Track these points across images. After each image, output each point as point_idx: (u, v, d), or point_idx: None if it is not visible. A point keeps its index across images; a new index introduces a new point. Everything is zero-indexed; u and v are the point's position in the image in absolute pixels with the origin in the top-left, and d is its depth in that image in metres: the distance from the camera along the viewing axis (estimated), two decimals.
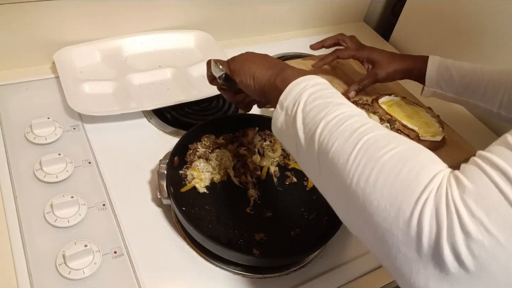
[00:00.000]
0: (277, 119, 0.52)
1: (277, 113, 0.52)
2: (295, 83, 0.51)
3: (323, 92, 0.49)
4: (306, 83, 0.50)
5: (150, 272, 0.61)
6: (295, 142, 0.49)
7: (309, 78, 0.51)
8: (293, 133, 0.49)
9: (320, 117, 0.46)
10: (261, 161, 0.76)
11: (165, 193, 0.64)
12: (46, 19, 0.83)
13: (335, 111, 0.46)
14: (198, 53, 1.00)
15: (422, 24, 1.19)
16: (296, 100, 0.49)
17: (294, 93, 0.50)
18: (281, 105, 0.51)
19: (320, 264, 0.68)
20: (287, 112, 0.50)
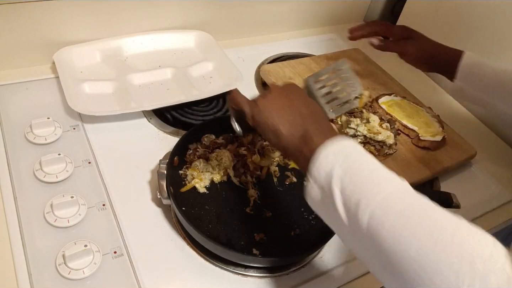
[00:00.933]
0: (311, 191, 0.50)
1: (310, 186, 0.50)
2: (323, 155, 0.48)
3: (357, 165, 0.47)
4: (334, 152, 0.48)
5: (150, 272, 0.61)
6: (335, 220, 0.47)
7: (336, 144, 0.49)
8: (333, 211, 0.46)
9: (363, 204, 0.43)
10: (261, 161, 0.76)
11: (165, 193, 0.64)
12: (46, 19, 0.83)
13: (377, 193, 0.43)
14: (198, 53, 1.00)
15: (422, 24, 1.18)
16: (329, 176, 0.47)
17: (325, 166, 0.47)
18: (313, 178, 0.49)
19: (320, 264, 0.68)
20: (322, 188, 0.48)
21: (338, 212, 0.45)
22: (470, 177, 0.90)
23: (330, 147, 0.49)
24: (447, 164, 0.86)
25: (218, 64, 0.96)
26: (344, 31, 1.25)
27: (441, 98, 1.10)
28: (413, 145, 0.88)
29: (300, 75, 0.99)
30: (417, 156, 0.85)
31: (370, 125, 0.84)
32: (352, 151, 0.49)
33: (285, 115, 0.55)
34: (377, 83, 1.03)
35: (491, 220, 0.83)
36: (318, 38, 1.21)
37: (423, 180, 0.82)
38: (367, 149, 0.81)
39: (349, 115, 0.87)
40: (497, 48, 1.00)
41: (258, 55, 1.08)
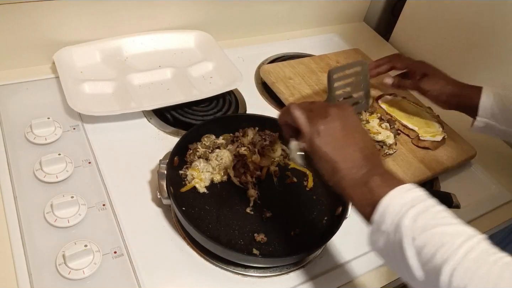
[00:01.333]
0: (376, 241, 0.48)
1: (375, 235, 0.48)
2: (388, 201, 0.46)
3: (427, 218, 0.44)
4: (401, 202, 0.46)
5: (150, 272, 0.61)
6: (409, 274, 0.45)
7: (402, 191, 0.47)
8: (404, 265, 0.45)
9: (440, 261, 0.41)
10: (261, 161, 0.76)
11: (165, 193, 0.64)
12: (46, 19, 0.83)
13: (456, 252, 0.41)
14: (198, 53, 1.00)
15: (422, 24, 1.19)
16: (398, 227, 0.44)
17: (392, 216, 0.45)
18: (378, 227, 0.47)
19: (320, 264, 0.68)
20: (388, 238, 0.46)
21: (410, 265, 0.44)
22: (470, 177, 0.90)
23: (396, 195, 0.47)
24: (447, 164, 0.86)
25: (218, 64, 0.96)
26: (344, 31, 1.26)
27: None
28: (413, 145, 0.88)
29: (300, 75, 0.99)
30: (417, 156, 0.85)
31: (370, 125, 0.85)
32: (419, 201, 0.46)
33: (346, 149, 0.52)
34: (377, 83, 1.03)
35: (491, 220, 0.83)
36: (318, 38, 1.21)
37: (423, 180, 0.82)
38: None
39: None
40: (497, 48, 1.00)
41: (258, 55, 1.08)
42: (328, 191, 0.75)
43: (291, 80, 0.97)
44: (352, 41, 1.22)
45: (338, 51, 1.12)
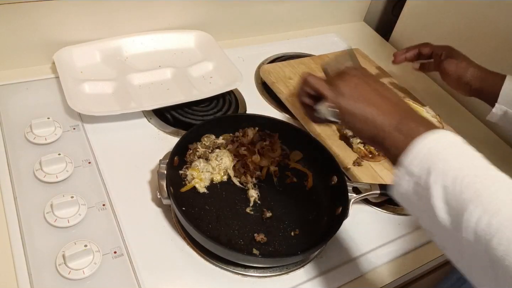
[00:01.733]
0: (401, 184, 0.46)
1: (400, 178, 0.46)
2: (421, 143, 0.44)
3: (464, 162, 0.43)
4: (436, 144, 0.44)
5: (150, 272, 0.61)
6: (431, 220, 0.43)
7: (437, 135, 0.45)
8: (428, 209, 0.43)
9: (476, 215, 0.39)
10: (261, 161, 0.76)
11: (165, 193, 0.64)
12: (46, 19, 0.83)
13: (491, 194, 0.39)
14: (198, 53, 1.00)
15: (422, 24, 1.19)
16: (429, 168, 0.43)
17: (423, 156, 0.44)
18: (406, 169, 0.45)
19: (320, 264, 0.68)
20: (417, 182, 0.44)
21: (435, 210, 0.42)
22: None
23: (431, 138, 0.45)
24: None
25: (218, 64, 0.96)
26: (344, 31, 1.26)
27: (441, 98, 1.10)
28: None
29: (300, 75, 0.99)
30: None
31: None
32: (456, 142, 0.45)
33: (374, 101, 0.51)
34: None
35: None
36: (318, 38, 1.21)
37: None
38: (367, 149, 0.81)
39: None
40: (497, 48, 1.00)
41: (258, 55, 1.08)
42: (328, 191, 0.75)
43: (291, 80, 0.97)
44: (352, 41, 1.22)
45: (338, 51, 1.12)
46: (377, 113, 0.50)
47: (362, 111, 0.51)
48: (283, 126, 0.81)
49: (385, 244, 0.73)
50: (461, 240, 0.40)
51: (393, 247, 0.72)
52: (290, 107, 0.92)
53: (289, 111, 0.92)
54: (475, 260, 0.40)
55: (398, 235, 0.74)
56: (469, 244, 0.39)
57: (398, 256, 0.71)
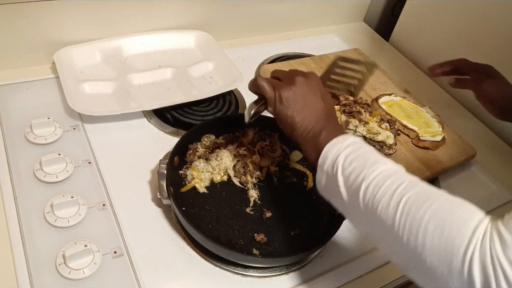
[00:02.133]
0: (320, 180, 0.55)
1: (319, 175, 0.55)
2: (330, 146, 0.54)
3: (357, 153, 0.52)
4: (340, 145, 0.53)
5: (150, 272, 0.61)
6: (341, 202, 0.53)
7: (342, 139, 0.54)
8: (337, 194, 0.52)
9: (359, 181, 0.49)
10: (261, 161, 0.76)
11: (165, 193, 0.64)
12: (46, 19, 0.83)
13: (372, 173, 0.49)
14: (198, 53, 1.00)
15: (422, 24, 1.19)
16: (334, 163, 0.53)
17: (331, 156, 0.53)
18: (321, 168, 0.55)
19: (320, 264, 0.68)
20: (327, 175, 0.54)
21: (340, 192, 0.51)
22: (470, 177, 0.90)
23: (337, 142, 0.54)
24: (447, 164, 0.86)
25: (218, 64, 0.96)
26: (344, 31, 1.26)
27: (441, 98, 1.10)
28: (413, 145, 0.88)
29: None
30: (417, 156, 0.85)
31: (370, 125, 0.84)
32: (354, 142, 0.54)
33: (305, 111, 0.59)
34: (377, 83, 1.03)
35: None
36: (318, 38, 1.21)
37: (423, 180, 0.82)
38: None
39: (348, 115, 0.87)
40: (497, 49, 1.00)
41: (258, 55, 1.08)
42: None
43: None
44: (352, 41, 1.22)
45: (338, 51, 1.12)
46: (302, 122, 0.59)
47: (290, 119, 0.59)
48: None
49: None
50: (364, 219, 0.50)
51: None
52: None
53: None
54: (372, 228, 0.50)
55: None
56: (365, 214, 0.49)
57: None
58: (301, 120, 0.59)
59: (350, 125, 0.84)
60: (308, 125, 0.59)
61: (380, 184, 0.48)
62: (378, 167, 0.50)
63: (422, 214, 0.43)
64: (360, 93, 0.93)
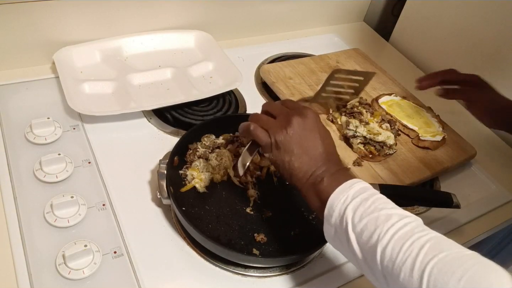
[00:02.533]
0: (329, 233, 0.53)
1: (327, 228, 0.53)
2: (334, 196, 0.51)
3: (366, 205, 0.49)
4: (345, 196, 0.51)
5: (150, 272, 0.61)
6: (354, 259, 0.50)
7: (347, 187, 0.51)
8: (350, 251, 0.50)
9: (374, 241, 0.47)
10: (261, 161, 0.76)
11: (165, 193, 0.64)
12: (46, 19, 0.83)
13: (387, 232, 0.46)
14: (198, 53, 1.00)
15: (422, 24, 1.19)
16: (342, 218, 0.50)
17: (338, 209, 0.51)
18: (328, 221, 0.52)
19: (320, 264, 0.68)
20: (336, 229, 0.51)
21: (354, 249, 0.49)
22: (470, 177, 0.90)
23: (341, 191, 0.51)
24: (447, 164, 0.86)
25: (218, 64, 0.96)
26: (344, 31, 1.26)
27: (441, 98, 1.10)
28: (413, 145, 0.88)
29: (300, 75, 0.99)
30: (417, 156, 0.85)
31: (370, 126, 0.84)
32: (362, 192, 0.51)
33: (304, 156, 0.56)
34: (377, 83, 1.03)
35: (491, 220, 0.83)
36: (318, 38, 1.21)
37: (423, 180, 0.82)
38: (367, 149, 0.81)
39: (349, 115, 0.87)
40: (497, 49, 1.00)
41: (258, 55, 1.08)
42: None
43: (291, 80, 0.97)
44: (352, 41, 1.22)
45: (338, 51, 1.12)
46: (300, 168, 0.56)
47: (289, 165, 0.56)
48: None
49: None
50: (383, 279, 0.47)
51: None
52: None
53: None
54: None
55: None
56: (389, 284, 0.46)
57: None
58: (300, 165, 0.56)
59: (350, 126, 0.84)
60: (308, 170, 0.55)
61: (399, 248, 0.44)
62: (393, 225, 0.46)
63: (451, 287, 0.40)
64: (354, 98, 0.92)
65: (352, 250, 0.49)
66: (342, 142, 0.85)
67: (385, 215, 0.48)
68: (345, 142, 0.85)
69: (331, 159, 0.57)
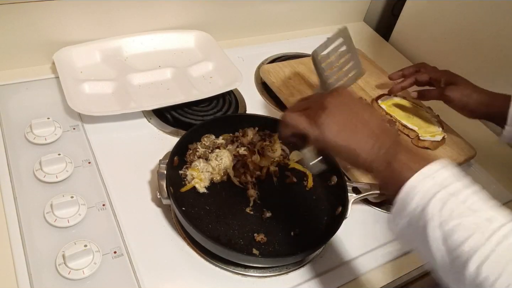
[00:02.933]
0: (397, 223, 0.46)
1: (396, 217, 0.46)
2: (414, 182, 0.44)
3: (459, 199, 0.42)
4: (429, 183, 0.43)
5: (150, 272, 0.61)
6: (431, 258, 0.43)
7: (430, 172, 0.44)
8: (426, 248, 0.43)
9: (469, 249, 0.39)
10: (261, 161, 0.76)
11: (165, 193, 0.64)
12: (46, 19, 0.83)
13: (489, 239, 0.39)
14: (198, 53, 1.00)
15: (422, 24, 1.19)
16: (424, 209, 0.42)
17: (417, 197, 0.43)
18: (401, 208, 0.45)
19: (320, 264, 0.68)
20: (411, 221, 0.44)
21: (431, 247, 0.42)
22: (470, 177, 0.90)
23: (424, 177, 0.44)
24: None
25: (218, 64, 0.96)
26: None
27: None
28: (413, 145, 0.88)
29: (300, 75, 0.99)
30: None
31: None
32: (452, 181, 0.44)
33: (357, 133, 0.50)
34: (377, 83, 1.03)
35: None
36: (318, 38, 1.20)
37: None
38: None
39: None
40: (497, 49, 1.00)
41: (258, 55, 1.08)
42: (328, 191, 0.75)
43: (291, 80, 0.97)
44: None
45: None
46: (362, 147, 0.49)
47: (345, 146, 0.50)
48: None
49: (385, 244, 0.72)
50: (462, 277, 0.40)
51: (393, 247, 0.72)
52: None
53: None
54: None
55: None
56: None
57: (398, 256, 0.71)
58: (358, 143, 0.49)
59: None
60: (371, 146, 0.49)
61: (504, 263, 0.38)
62: (495, 231, 0.40)
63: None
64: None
65: (431, 248, 0.42)
66: None
67: (485, 215, 0.41)
68: None
69: (390, 134, 0.50)
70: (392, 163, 0.47)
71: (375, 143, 0.49)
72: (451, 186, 0.43)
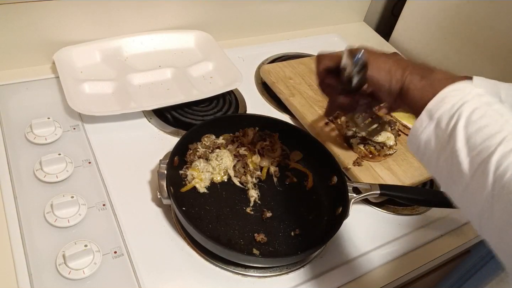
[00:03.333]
0: (422, 130, 0.45)
1: (422, 123, 0.45)
2: (451, 90, 0.44)
3: (492, 107, 0.41)
4: (465, 93, 0.43)
5: (150, 272, 0.61)
6: (449, 165, 0.42)
7: (467, 85, 0.44)
8: (448, 153, 0.42)
9: (495, 142, 0.38)
10: (261, 161, 0.76)
11: (165, 193, 0.64)
12: (46, 19, 0.83)
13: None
14: (198, 53, 1.00)
15: (422, 24, 1.19)
16: (454, 113, 0.42)
17: (451, 103, 0.43)
18: (429, 114, 0.44)
19: (320, 264, 0.68)
20: (439, 125, 0.43)
21: (458, 155, 0.41)
22: None
23: (460, 87, 0.44)
24: None
25: (218, 64, 0.96)
26: (344, 31, 1.26)
27: None
28: None
29: (300, 75, 0.99)
30: None
31: None
32: (484, 93, 0.44)
33: (399, 59, 0.52)
34: None
35: None
36: (318, 38, 1.21)
37: (423, 180, 0.82)
38: (367, 149, 0.81)
39: None
40: (497, 49, 1.00)
41: (258, 55, 1.08)
42: (328, 191, 0.75)
43: (291, 80, 0.97)
44: (352, 41, 1.21)
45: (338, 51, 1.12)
46: (398, 64, 0.51)
47: (384, 62, 0.52)
48: (283, 126, 0.81)
49: (385, 244, 0.73)
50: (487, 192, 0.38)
51: (393, 247, 0.72)
52: (290, 107, 0.92)
53: (289, 111, 0.92)
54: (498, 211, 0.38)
55: (398, 235, 0.74)
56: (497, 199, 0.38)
57: (398, 256, 0.71)
58: (399, 63, 0.51)
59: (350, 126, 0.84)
60: (413, 68, 0.50)
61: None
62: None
63: None
64: None
65: (453, 152, 0.41)
66: (342, 142, 0.85)
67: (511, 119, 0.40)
68: (345, 142, 0.85)
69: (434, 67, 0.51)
70: (430, 75, 0.47)
71: (409, 68, 0.50)
72: (485, 96, 0.43)
